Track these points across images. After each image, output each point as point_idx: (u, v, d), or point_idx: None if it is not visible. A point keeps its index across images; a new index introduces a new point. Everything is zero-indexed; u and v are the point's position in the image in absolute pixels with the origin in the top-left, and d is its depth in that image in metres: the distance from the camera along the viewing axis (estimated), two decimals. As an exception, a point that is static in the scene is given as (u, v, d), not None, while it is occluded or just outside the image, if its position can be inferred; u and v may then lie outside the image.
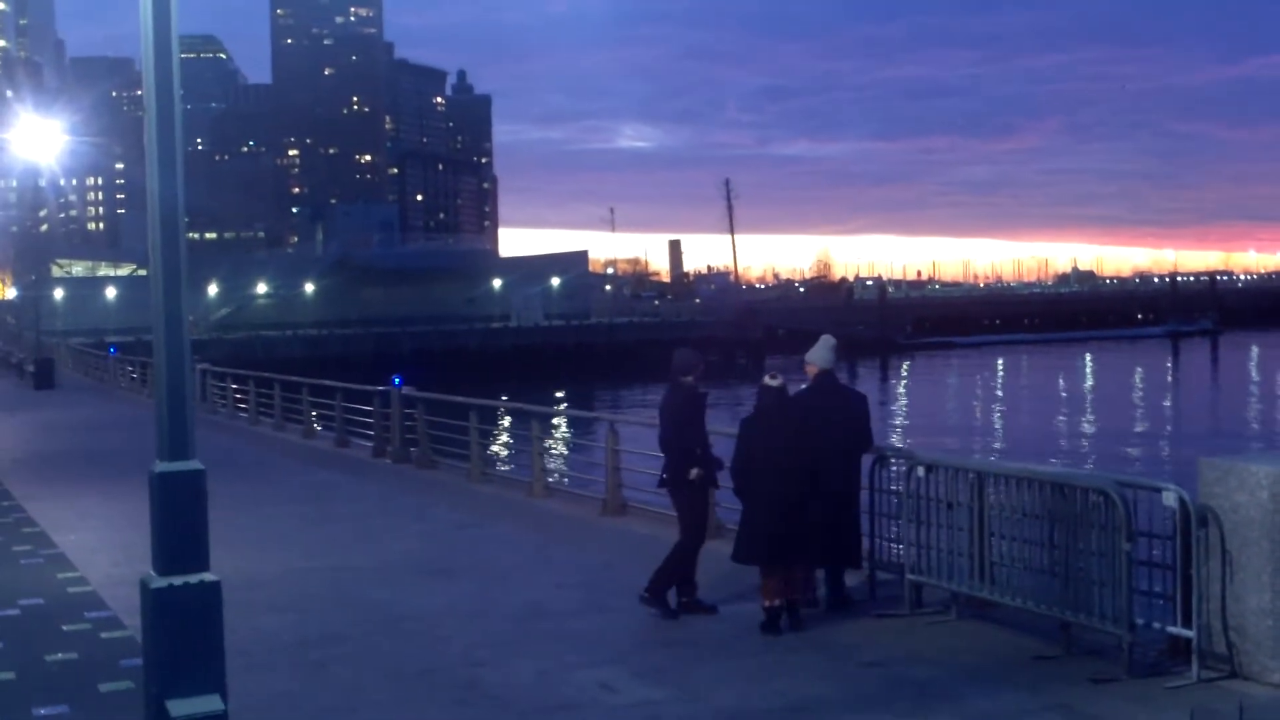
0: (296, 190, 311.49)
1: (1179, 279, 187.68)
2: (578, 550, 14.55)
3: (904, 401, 71.76)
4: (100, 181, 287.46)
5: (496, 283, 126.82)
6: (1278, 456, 9.24)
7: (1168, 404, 65.57)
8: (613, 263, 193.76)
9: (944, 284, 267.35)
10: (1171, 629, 9.18)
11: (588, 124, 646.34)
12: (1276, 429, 52.35)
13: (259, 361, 56.43)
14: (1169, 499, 9.19)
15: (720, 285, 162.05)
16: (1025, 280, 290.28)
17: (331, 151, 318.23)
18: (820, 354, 11.61)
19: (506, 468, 25.91)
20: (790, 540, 10.54)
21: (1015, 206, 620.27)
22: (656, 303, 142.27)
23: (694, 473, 11.19)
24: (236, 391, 36.35)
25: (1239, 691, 8.56)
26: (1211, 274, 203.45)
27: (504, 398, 31.66)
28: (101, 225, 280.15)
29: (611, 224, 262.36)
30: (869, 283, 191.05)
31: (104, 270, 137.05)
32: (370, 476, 21.88)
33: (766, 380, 11.05)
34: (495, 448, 27.37)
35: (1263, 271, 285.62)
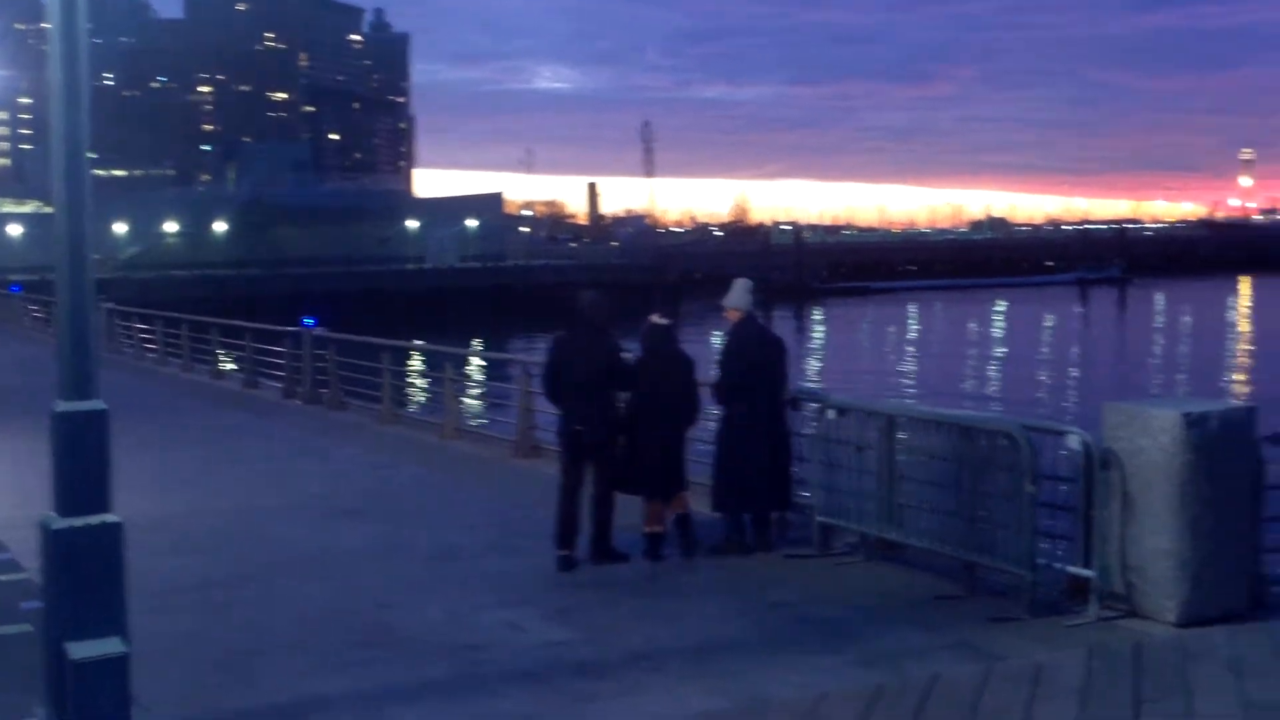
0: (208, 127, 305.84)
1: (1089, 227, 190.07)
2: (489, 492, 14.54)
3: (818, 346, 72.24)
4: (4, 117, 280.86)
5: (412, 224, 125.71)
6: (1179, 402, 9.42)
7: (1076, 350, 66.51)
8: (530, 205, 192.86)
9: (860, 230, 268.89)
10: (1072, 569, 9.35)
11: (506, 64, 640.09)
12: (1179, 375, 53.32)
13: (168, 301, 55.57)
14: (1073, 442, 9.33)
15: (637, 228, 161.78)
16: (939, 226, 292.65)
17: (244, 89, 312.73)
18: (740, 298, 11.57)
19: (419, 409, 25.77)
20: (673, 472, 11.05)
21: (931, 153, 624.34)
22: (573, 245, 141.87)
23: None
24: (143, 331, 35.76)
25: (1136, 630, 8.75)
26: (1121, 222, 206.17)
27: (418, 340, 31.42)
28: (6, 161, 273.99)
29: (529, 166, 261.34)
30: (786, 228, 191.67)
31: (8, 207, 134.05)
32: (280, 418, 21.69)
33: (653, 319, 11.36)
34: (408, 390, 27.22)
35: (1170, 221, 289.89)
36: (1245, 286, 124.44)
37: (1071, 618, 9.03)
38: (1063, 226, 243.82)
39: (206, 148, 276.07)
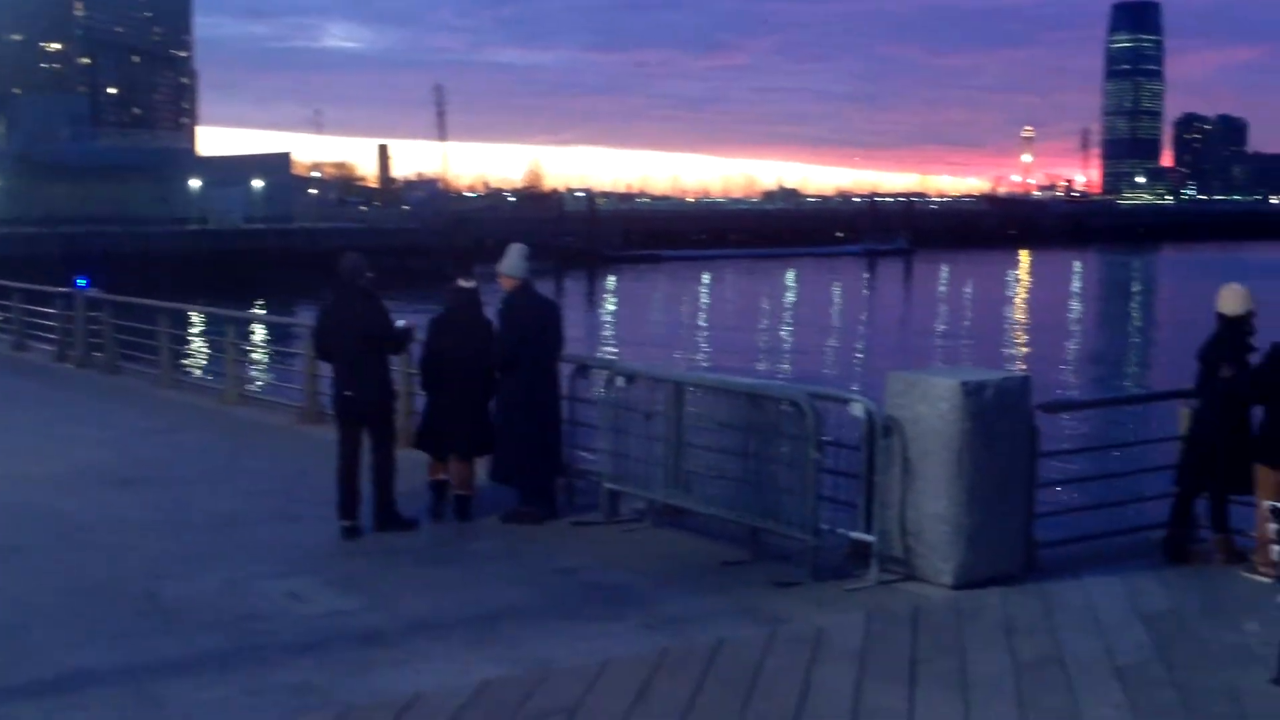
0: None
1: (877, 199, 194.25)
2: (272, 458, 14.21)
3: (610, 313, 72.55)
4: None
5: (194, 183, 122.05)
6: (958, 371, 9.67)
7: (863, 320, 68.10)
8: (318, 166, 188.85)
9: (654, 198, 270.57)
10: (854, 534, 9.53)
11: (294, 21, 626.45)
12: (961, 344, 55.04)
13: (-68, 259, 53.05)
14: (856, 410, 9.51)
15: (429, 193, 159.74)
16: (733, 196, 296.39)
17: (15, 38, 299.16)
18: (515, 264, 11.42)
19: (200, 374, 25.06)
20: (467, 434, 11.11)
21: (726, 122, 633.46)
22: (363, 208, 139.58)
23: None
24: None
25: (914, 593, 8.98)
26: (908, 195, 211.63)
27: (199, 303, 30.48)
28: None
29: (318, 126, 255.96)
30: (580, 194, 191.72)
31: None
32: (52, 382, 20.82)
33: (459, 282, 11.38)
34: (189, 354, 26.43)
35: (955, 195, 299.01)
36: (1025, 260, 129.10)
37: (852, 581, 9.21)
38: (852, 198, 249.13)
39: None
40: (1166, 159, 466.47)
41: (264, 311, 57.43)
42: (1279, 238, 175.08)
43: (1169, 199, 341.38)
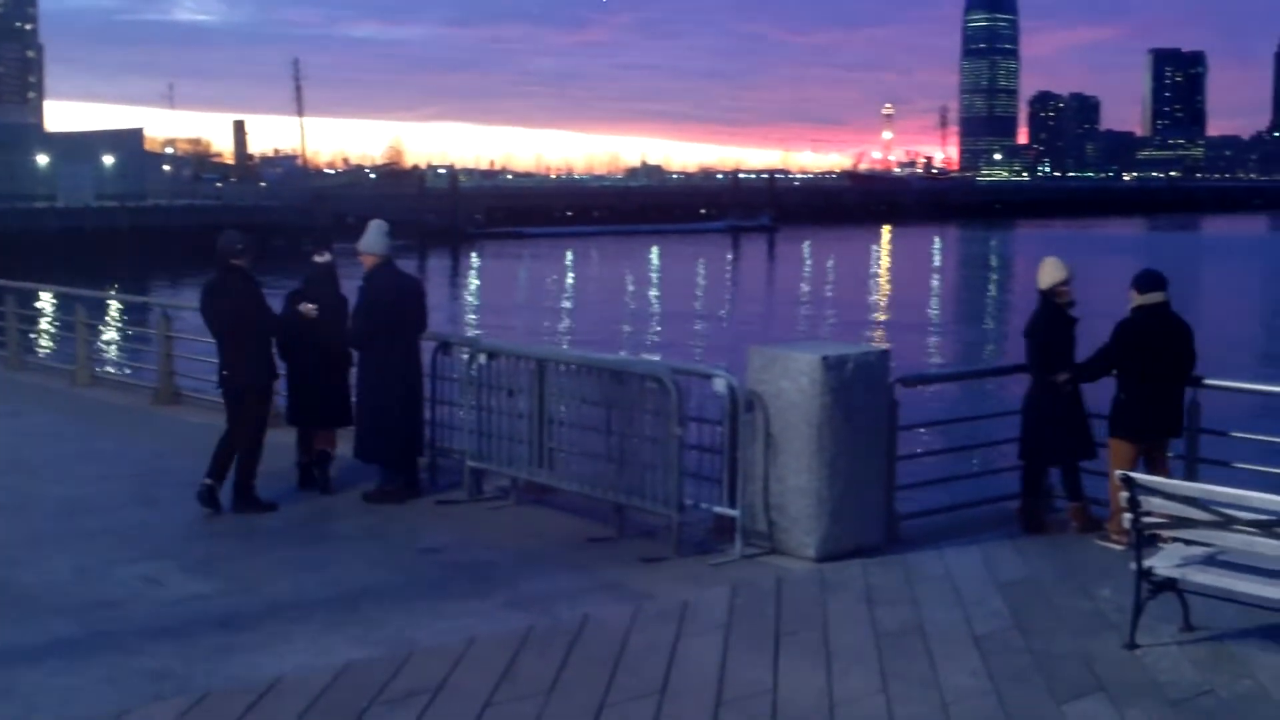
0: None
1: (740, 176, 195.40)
2: (126, 441, 13.86)
3: (473, 290, 72.08)
4: None
5: (42, 159, 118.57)
6: (819, 345, 9.73)
7: (728, 296, 68.48)
8: (172, 142, 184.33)
9: (516, 174, 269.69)
10: (718, 509, 9.58)
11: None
12: (825, 318, 55.65)
13: None
14: (719, 385, 9.54)
15: (287, 169, 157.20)
16: (596, 173, 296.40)
17: None
18: (375, 241, 11.23)
19: (49, 355, 24.35)
20: (325, 407, 11.28)
21: (589, 99, 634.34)
22: (219, 185, 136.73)
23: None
24: None
25: (778, 566, 9.06)
26: (771, 172, 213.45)
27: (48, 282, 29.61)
28: None
29: (171, 101, 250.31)
30: (441, 171, 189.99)
31: None
32: (-107, 364, 20.09)
33: (314, 258, 11.43)
34: (36, 334, 25.63)
35: (817, 171, 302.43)
36: (886, 236, 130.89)
37: (717, 556, 9.26)
38: (716, 175, 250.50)
39: None
40: (1022, 136, 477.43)
41: (116, 291, 56.05)
42: (1130, 214, 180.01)
43: (1025, 176, 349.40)
